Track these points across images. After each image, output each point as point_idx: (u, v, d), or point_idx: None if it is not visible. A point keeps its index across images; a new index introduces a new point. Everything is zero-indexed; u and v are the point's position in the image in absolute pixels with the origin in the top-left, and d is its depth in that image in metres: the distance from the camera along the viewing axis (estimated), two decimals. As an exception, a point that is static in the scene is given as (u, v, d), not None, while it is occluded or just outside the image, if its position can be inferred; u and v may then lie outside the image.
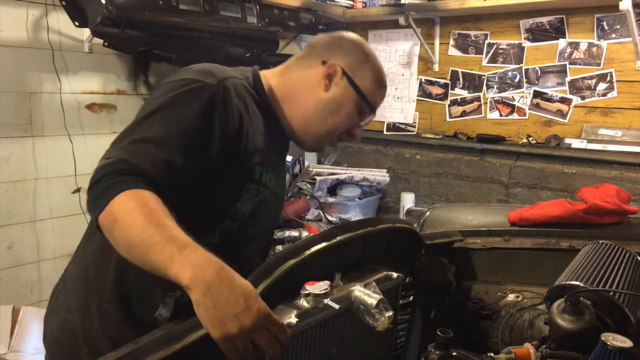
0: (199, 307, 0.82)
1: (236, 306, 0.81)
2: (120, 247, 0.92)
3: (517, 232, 1.46)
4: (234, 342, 0.81)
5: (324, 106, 1.23)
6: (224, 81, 1.11)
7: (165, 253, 0.85)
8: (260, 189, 1.20)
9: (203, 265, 0.84)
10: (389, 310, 0.94)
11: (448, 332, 0.99)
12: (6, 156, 2.35)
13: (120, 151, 0.99)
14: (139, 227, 0.88)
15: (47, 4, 2.38)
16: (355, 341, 1.05)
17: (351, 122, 1.25)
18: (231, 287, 0.83)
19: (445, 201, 3.30)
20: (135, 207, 0.90)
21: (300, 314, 0.90)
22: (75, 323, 1.18)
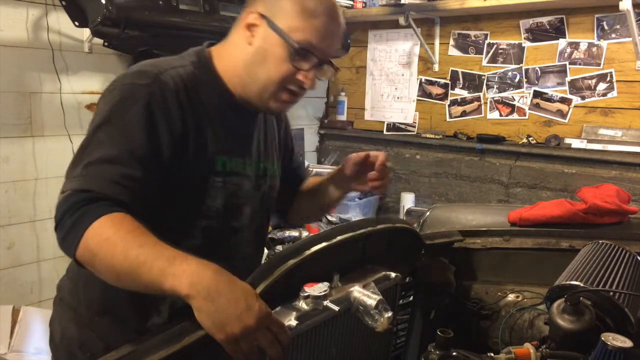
0: (201, 313, 0.82)
1: (238, 307, 0.81)
2: (108, 278, 0.92)
3: (517, 232, 1.46)
4: (239, 343, 0.81)
5: (251, 59, 1.10)
6: (159, 77, 1.05)
7: (155, 271, 0.84)
8: (227, 180, 1.14)
9: (198, 271, 0.83)
10: (388, 311, 0.94)
11: (448, 332, 0.99)
12: (6, 156, 2.35)
13: (75, 181, 0.95)
14: (120, 254, 0.86)
15: (47, 4, 2.38)
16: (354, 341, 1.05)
17: (288, 70, 1.08)
18: (230, 288, 0.83)
19: (445, 201, 3.30)
20: (109, 236, 0.88)
21: (300, 316, 0.90)
22: (73, 332, 1.18)
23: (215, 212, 1.14)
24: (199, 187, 1.11)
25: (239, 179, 1.17)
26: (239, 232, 1.21)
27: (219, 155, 1.13)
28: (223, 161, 1.13)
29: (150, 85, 1.04)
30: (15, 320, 2.25)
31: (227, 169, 1.14)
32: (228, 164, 1.14)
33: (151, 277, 0.85)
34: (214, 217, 1.14)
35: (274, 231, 2.82)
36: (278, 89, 1.11)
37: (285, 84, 1.10)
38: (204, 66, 1.15)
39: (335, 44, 1.13)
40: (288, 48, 1.06)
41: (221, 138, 1.13)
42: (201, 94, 1.11)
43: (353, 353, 1.06)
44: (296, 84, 1.10)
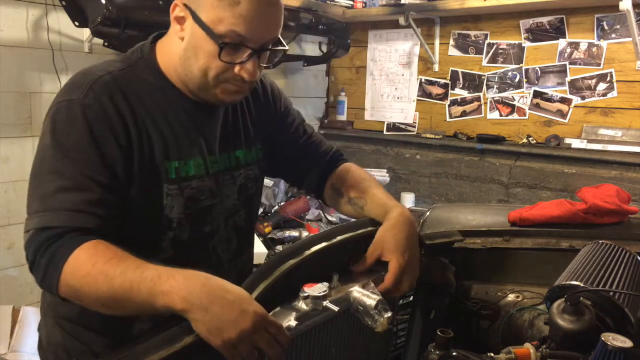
0: (197, 323, 0.82)
1: (232, 311, 0.81)
2: (98, 309, 0.90)
3: (517, 232, 1.46)
4: (236, 348, 0.81)
5: (185, 55, 1.03)
6: (92, 87, 0.99)
7: (143, 294, 0.84)
8: (183, 186, 1.07)
9: (187, 284, 0.83)
10: (387, 311, 0.94)
11: (448, 332, 0.99)
12: (6, 156, 2.35)
13: (37, 218, 0.92)
14: (104, 286, 0.85)
15: (47, 4, 2.38)
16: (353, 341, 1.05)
17: (221, 66, 1.00)
18: (222, 295, 0.83)
19: (445, 201, 3.30)
20: (89, 270, 0.86)
21: (300, 317, 0.90)
22: (58, 338, 1.17)
23: (178, 222, 1.08)
24: (153, 198, 1.05)
25: (198, 182, 1.10)
26: (214, 235, 1.16)
27: (169, 161, 1.06)
28: (175, 167, 1.06)
29: (84, 98, 0.98)
30: (15, 320, 2.25)
31: (181, 174, 1.07)
32: (182, 168, 1.07)
33: (141, 300, 0.84)
34: (178, 226, 1.08)
35: (274, 231, 2.82)
36: (217, 83, 1.03)
37: (224, 79, 1.02)
38: (147, 64, 1.08)
39: (270, 26, 1.01)
40: (216, 43, 0.98)
41: (171, 143, 1.06)
42: (144, 97, 1.04)
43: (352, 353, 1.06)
44: (235, 78, 1.02)
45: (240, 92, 1.07)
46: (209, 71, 1.01)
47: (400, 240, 1.08)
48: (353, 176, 1.29)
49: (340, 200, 1.29)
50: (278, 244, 2.72)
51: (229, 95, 1.06)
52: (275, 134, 1.29)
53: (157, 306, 0.84)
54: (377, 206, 1.19)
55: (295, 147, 1.32)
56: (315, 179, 1.32)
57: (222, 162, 1.16)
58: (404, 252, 1.07)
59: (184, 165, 1.08)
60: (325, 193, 1.33)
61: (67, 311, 1.13)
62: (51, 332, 1.18)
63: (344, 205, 1.28)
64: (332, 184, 1.31)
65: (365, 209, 1.22)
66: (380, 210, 1.17)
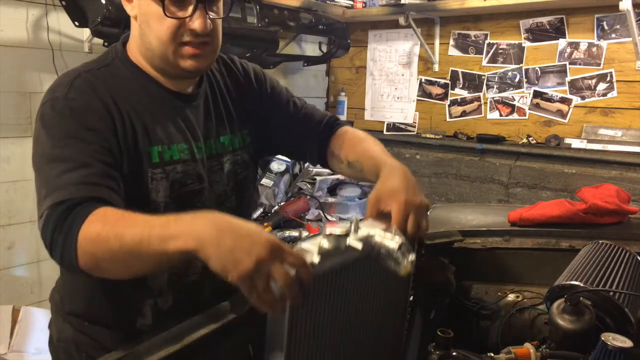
0: (211, 260, 0.78)
1: (245, 241, 0.77)
2: (119, 271, 0.90)
3: (517, 232, 1.46)
4: (253, 280, 0.76)
5: (141, 32, 1.08)
6: (73, 82, 1.04)
7: (154, 242, 0.82)
8: (167, 169, 1.10)
9: (195, 224, 0.81)
10: (411, 254, 0.89)
11: (448, 332, 0.99)
12: (6, 156, 2.35)
13: (46, 201, 0.93)
14: (116, 243, 0.85)
15: (47, 4, 2.38)
16: (373, 291, 0.99)
17: (172, 24, 1.04)
18: (233, 228, 0.80)
19: (445, 201, 3.30)
20: (99, 231, 0.87)
21: (323, 255, 0.83)
22: (69, 334, 1.19)
23: (165, 205, 1.10)
24: (138, 182, 1.07)
25: (184, 166, 1.12)
26: None
27: (152, 146, 1.09)
28: (158, 151, 1.09)
29: (67, 93, 1.02)
30: (15, 320, 2.25)
31: (165, 158, 1.09)
32: (166, 153, 1.10)
33: (154, 249, 0.82)
34: (165, 210, 1.10)
35: (274, 231, 2.82)
36: (175, 47, 1.06)
37: (179, 39, 1.06)
38: (122, 62, 1.12)
39: None
40: (158, 2, 1.03)
41: (153, 129, 1.09)
42: (124, 90, 1.08)
43: (372, 302, 0.99)
44: (189, 33, 1.06)
45: (201, 55, 1.09)
46: (162, 34, 1.05)
47: (394, 186, 1.05)
48: (349, 139, 1.30)
49: (341, 166, 1.30)
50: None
51: (191, 60, 1.08)
52: (266, 115, 1.31)
53: (170, 252, 0.81)
54: (372, 165, 1.19)
55: (290, 122, 1.32)
56: (315, 149, 1.32)
57: (207, 148, 1.18)
58: (400, 194, 1.03)
59: (167, 150, 1.10)
60: (329, 160, 1.34)
61: (75, 307, 1.17)
62: (61, 328, 1.20)
63: (345, 170, 1.30)
64: (332, 150, 1.32)
65: (364, 171, 1.23)
66: (374, 168, 1.16)
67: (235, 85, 1.28)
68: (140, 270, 0.89)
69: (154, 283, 1.13)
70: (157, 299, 1.14)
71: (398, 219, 1.00)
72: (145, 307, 1.13)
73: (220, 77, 1.26)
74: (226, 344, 0.96)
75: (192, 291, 1.17)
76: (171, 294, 1.15)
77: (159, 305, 1.15)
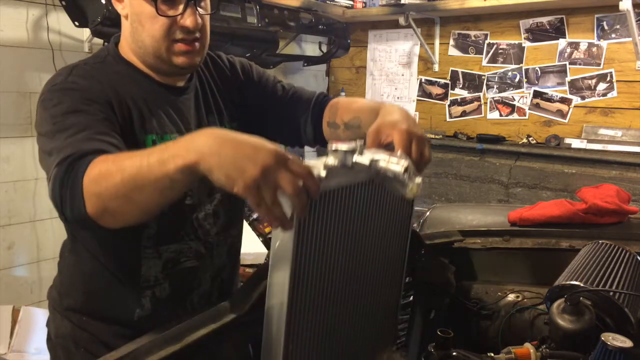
0: (213, 172, 0.75)
1: (247, 149, 0.74)
2: (126, 208, 0.87)
3: (517, 232, 1.46)
4: (260, 190, 0.73)
5: (133, 30, 1.12)
6: (72, 72, 1.09)
7: (154, 166, 0.80)
8: None
9: (191, 140, 0.79)
10: (417, 176, 0.85)
11: (448, 332, 0.99)
12: (6, 156, 2.35)
13: (53, 162, 0.93)
14: (117, 176, 0.83)
15: (47, 4, 2.38)
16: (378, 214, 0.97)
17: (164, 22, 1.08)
18: (233, 137, 0.77)
19: (445, 201, 3.30)
20: (100, 169, 0.86)
21: (329, 170, 0.79)
22: (67, 329, 1.20)
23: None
24: None
25: None
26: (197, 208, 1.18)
27: (147, 134, 1.11)
28: (152, 139, 1.11)
29: (67, 78, 1.07)
30: (15, 320, 2.25)
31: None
32: (159, 142, 1.11)
33: (155, 174, 0.80)
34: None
35: (274, 231, 2.82)
36: (168, 45, 1.10)
37: (172, 36, 1.09)
38: (114, 59, 1.16)
39: None
40: (150, 1, 1.06)
41: (148, 118, 1.12)
42: (116, 83, 1.11)
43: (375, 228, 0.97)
44: (181, 30, 1.09)
45: (193, 51, 1.12)
46: (155, 33, 1.09)
47: (395, 119, 1.01)
48: (342, 104, 1.29)
49: (338, 131, 1.28)
50: (278, 244, 2.71)
51: (183, 57, 1.12)
52: (257, 103, 1.32)
53: (171, 173, 0.79)
54: (369, 114, 1.15)
55: (280, 106, 1.33)
56: (310, 127, 1.32)
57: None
58: (401, 124, 0.99)
59: (160, 139, 1.12)
60: (325, 134, 1.32)
61: (73, 303, 1.19)
62: (60, 325, 1.21)
63: (343, 133, 1.28)
64: (327, 122, 1.31)
65: (362, 125, 1.20)
66: (372, 116, 1.11)
67: (222, 80, 1.30)
68: (146, 205, 0.86)
69: (149, 273, 1.14)
70: (155, 289, 1.16)
71: (402, 143, 0.95)
72: (144, 298, 1.15)
73: (209, 72, 1.28)
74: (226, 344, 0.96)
75: (187, 277, 1.19)
76: (168, 282, 1.17)
77: (156, 295, 1.16)
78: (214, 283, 1.25)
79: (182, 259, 1.17)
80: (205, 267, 1.21)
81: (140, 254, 1.13)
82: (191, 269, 1.18)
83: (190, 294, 1.21)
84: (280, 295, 0.80)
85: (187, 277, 1.19)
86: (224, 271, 1.27)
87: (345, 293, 0.91)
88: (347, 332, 0.93)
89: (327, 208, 0.82)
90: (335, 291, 0.88)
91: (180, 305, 1.19)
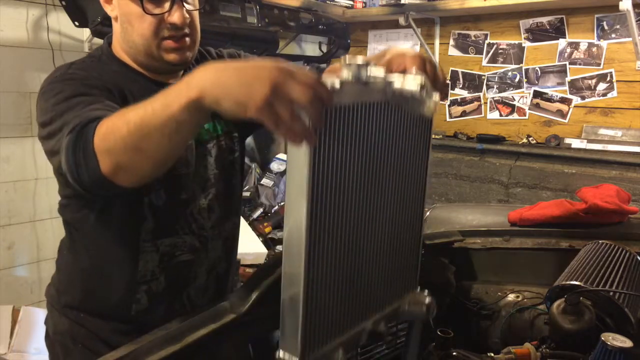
0: (223, 101, 0.72)
1: (250, 71, 0.71)
2: (136, 159, 0.85)
3: (517, 232, 1.46)
4: (274, 108, 0.69)
5: (123, 31, 1.14)
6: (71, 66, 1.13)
7: (159, 111, 0.79)
8: None
9: (192, 77, 0.76)
10: (434, 93, 0.82)
11: (448, 332, 0.99)
12: (6, 156, 2.35)
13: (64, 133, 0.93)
14: (124, 128, 0.82)
15: (47, 4, 2.38)
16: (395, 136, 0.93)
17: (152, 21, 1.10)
18: (233, 66, 0.74)
19: (445, 201, 3.30)
20: (107, 126, 0.85)
21: (343, 82, 0.75)
22: (65, 326, 1.21)
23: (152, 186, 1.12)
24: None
25: None
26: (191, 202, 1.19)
27: None
28: None
29: (67, 70, 1.10)
30: (15, 320, 2.25)
31: None
32: None
33: (161, 118, 0.79)
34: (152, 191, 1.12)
35: (274, 231, 2.82)
36: (158, 42, 1.12)
37: (161, 34, 1.11)
38: (108, 58, 1.18)
39: None
40: (136, 1, 1.09)
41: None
42: (113, 78, 1.13)
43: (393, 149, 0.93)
44: (169, 28, 1.11)
45: (182, 47, 1.14)
46: (144, 32, 1.11)
47: (402, 50, 0.97)
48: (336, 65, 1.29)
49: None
50: (278, 244, 2.72)
51: (174, 53, 1.14)
52: None
53: (177, 114, 0.77)
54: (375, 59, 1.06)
55: None
56: None
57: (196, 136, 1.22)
58: (411, 51, 0.95)
59: None
60: None
61: (71, 300, 1.20)
62: (57, 322, 1.22)
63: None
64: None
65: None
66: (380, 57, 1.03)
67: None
68: (156, 154, 0.84)
69: (146, 267, 1.15)
70: (151, 283, 1.17)
71: (415, 63, 0.91)
72: (140, 293, 1.16)
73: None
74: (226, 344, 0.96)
75: (183, 271, 1.20)
76: (163, 276, 1.18)
77: (153, 289, 1.17)
78: (210, 277, 1.26)
79: (177, 252, 1.18)
80: (200, 261, 1.22)
81: (138, 248, 1.14)
82: (186, 262, 1.20)
83: (187, 288, 1.22)
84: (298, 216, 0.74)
85: (182, 270, 1.20)
86: (219, 265, 1.28)
87: (365, 223, 0.86)
88: (368, 270, 0.89)
89: (343, 128, 0.78)
90: (354, 220, 0.83)
91: (177, 300, 1.21)
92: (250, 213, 3.04)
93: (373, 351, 1.28)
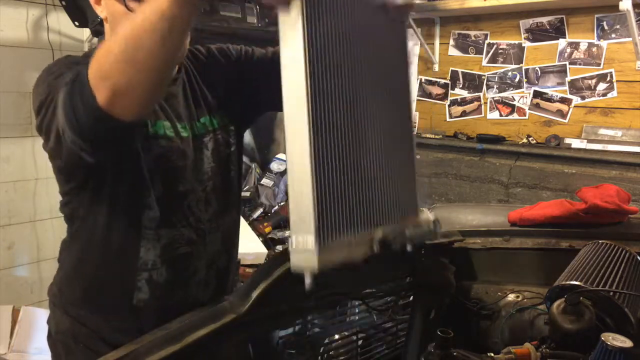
0: None
1: None
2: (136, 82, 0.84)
3: (517, 232, 1.46)
4: None
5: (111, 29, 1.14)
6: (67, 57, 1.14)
7: (148, 14, 0.79)
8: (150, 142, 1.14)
9: None
10: None
11: (448, 332, 0.99)
12: (6, 156, 2.35)
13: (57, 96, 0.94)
14: (115, 46, 0.82)
15: (47, 4, 2.39)
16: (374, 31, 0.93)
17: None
18: None
19: (445, 201, 3.30)
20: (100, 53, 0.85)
21: None
22: (67, 325, 1.22)
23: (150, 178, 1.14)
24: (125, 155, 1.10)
25: (167, 142, 1.16)
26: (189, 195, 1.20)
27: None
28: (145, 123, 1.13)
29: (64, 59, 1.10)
30: (15, 320, 2.26)
31: (149, 132, 1.14)
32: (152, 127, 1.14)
33: (150, 20, 0.79)
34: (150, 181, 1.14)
35: (274, 231, 2.82)
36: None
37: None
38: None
39: None
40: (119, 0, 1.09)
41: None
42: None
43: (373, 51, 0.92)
44: None
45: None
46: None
47: None
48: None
49: None
50: (278, 244, 2.72)
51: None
52: (244, 77, 1.35)
53: (166, 12, 0.77)
54: None
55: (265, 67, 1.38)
56: None
57: (191, 129, 1.23)
58: None
59: (152, 126, 1.15)
60: None
61: (73, 297, 1.21)
62: (60, 321, 1.23)
63: None
64: None
65: None
66: None
67: (204, 69, 1.33)
68: (152, 64, 0.83)
69: (147, 256, 1.16)
70: (152, 272, 1.17)
71: None
72: (141, 280, 1.17)
73: (191, 64, 1.30)
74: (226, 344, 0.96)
75: (182, 263, 1.21)
76: (165, 267, 1.18)
77: (154, 278, 1.18)
78: (210, 271, 1.26)
79: (176, 245, 1.19)
80: (199, 254, 1.23)
81: (140, 235, 1.15)
82: (186, 255, 1.20)
83: (188, 282, 1.22)
84: (298, 91, 0.74)
85: (182, 263, 1.20)
86: (219, 260, 1.28)
87: (361, 112, 0.85)
88: (370, 169, 0.86)
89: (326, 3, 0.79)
90: (350, 104, 0.82)
91: (179, 294, 1.21)
92: (250, 213, 3.04)
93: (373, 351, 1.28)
